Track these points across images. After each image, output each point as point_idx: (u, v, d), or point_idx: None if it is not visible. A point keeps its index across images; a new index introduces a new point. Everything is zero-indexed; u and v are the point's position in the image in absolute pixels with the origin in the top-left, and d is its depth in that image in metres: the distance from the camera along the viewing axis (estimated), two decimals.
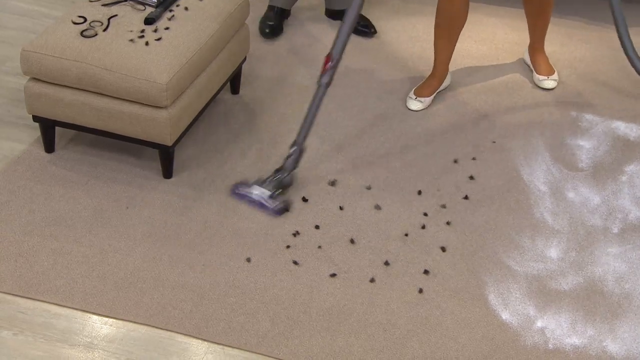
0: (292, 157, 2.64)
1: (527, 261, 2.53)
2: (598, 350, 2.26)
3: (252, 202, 2.59)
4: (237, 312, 2.30)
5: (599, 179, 2.87)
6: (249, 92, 3.21)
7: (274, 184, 2.63)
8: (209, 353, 2.18)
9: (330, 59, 2.61)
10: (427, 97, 3.17)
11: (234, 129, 3.02)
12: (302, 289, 2.39)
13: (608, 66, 3.44)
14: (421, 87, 3.20)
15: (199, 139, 2.95)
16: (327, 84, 2.65)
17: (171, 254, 2.47)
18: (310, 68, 3.34)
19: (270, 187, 2.62)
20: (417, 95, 3.17)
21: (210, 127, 3.01)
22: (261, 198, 2.59)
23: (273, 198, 2.59)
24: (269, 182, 2.63)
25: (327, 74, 2.63)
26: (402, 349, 2.23)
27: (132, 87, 2.52)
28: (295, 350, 2.20)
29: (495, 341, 2.27)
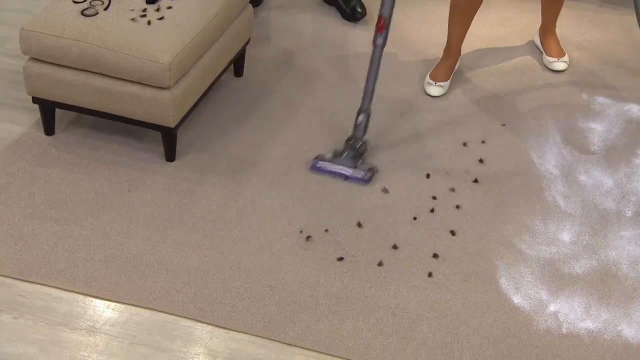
0: (361, 124, 2.69)
1: (539, 245, 2.50)
2: (613, 335, 2.22)
3: (337, 175, 2.64)
4: (242, 296, 2.27)
5: (611, 161, 2.83)
6: (253, 75, 3.17)
7: (352, 153, 2.68)
8: (214, 337, 2.15)
9: (384, 20, 2.62)
10: (446, 80, 3.13)
11: (238, 111, 2.98)
12: (309, 272, 2.36)
13: (620, 49, 3.40)
14: (437, 70, 3.15)
15: (202, 121, 2.92)
16: (383, 44, 2.66)
17: (175, 237, 2.44)
18: (314, 51, 3.31)
19: (350, 158, 2.68)
20: (436, 80, 3.13)
21: (213, 110, 2.97)
22: (346, 170, 2.65)
23: (357, 168, 2.65)
24: (347, 153, 2.68)
25: (382, 34, 2.64)
26: (412, 333, 2.20)
27: (134, 67, 2.49)
28: (302, 335, 2.17)
29: (507, 325, 2.24)
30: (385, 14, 2.64)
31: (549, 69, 3.27)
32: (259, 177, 2.69)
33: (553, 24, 3.28)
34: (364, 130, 2.71)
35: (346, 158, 2.68)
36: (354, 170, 2.65)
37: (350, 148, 2.69)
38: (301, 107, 3.03)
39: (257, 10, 3.49)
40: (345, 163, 2.67)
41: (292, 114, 2.98)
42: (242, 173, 2.70)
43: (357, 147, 2.69)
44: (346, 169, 2.66)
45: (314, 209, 2.58)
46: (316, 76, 3.19)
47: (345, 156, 2.68)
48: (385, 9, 2.64)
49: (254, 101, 3.04)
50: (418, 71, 3.22)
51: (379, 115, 2.99)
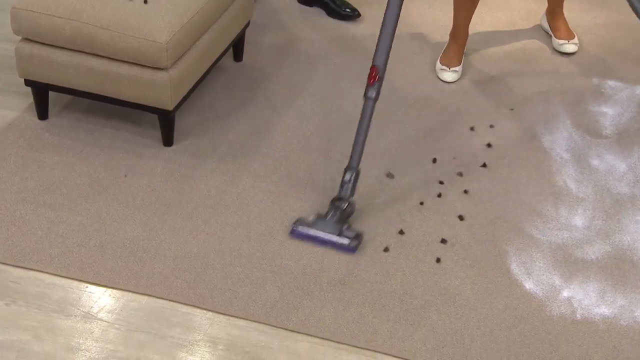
0: (349, 183, 2.38)
1: (550, 230, 2.45)
2: (629, 320, 2.17)
3: (318, 242, 2.33)
4: (243, 282, 2.22)
5: (624, 146, 2.79)
6: (253, 59, 3.13)
7: (337, 217, 2.36)
8: (214, 324, 2.10)
9: (377, 70, 2.36)
10: (459, 65, 3.08)
11: (238, 96, 2.93)
12: (313, 258, 2.31)
13: (631, 33, 3.36)
14: (447, 55, 3.11)
15: (201, 106, 2.87)
16: (376, 98, 2.40)
17: (173, 222, 2.40)
18: (315, 36, 3.27)
19: (334, 222, 2.35)
20: (449, 65, 3.08)
21: (213, 95, 2.93)
22: (331, 237, 2.33)
23: (343, 234, 2.34)
24: (331, 216, 2.37)
25: (374, 87, 2.38)
26: (420, 319, 2.15)
27: (130, 46, 2.44)
28: (306, 321, 2.12)
29: (519, 311, 2.19)
30: (379, 64, 2.37)
31: (558, 51, 3.23)
32: (259, 162, 2.64)
33: (560, 5, 3.23)
34: (351, 190, 2.38)
35: (330, 222, 2.35)
36: (338, 237, 2.33)
37: (335, 210, 2.37)
38: (302, 91, 2.98)
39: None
40: (328, 228, 2.34)
41: (293, 99, 2.94)
42: (242, 158, 2.65)
43: (343, 209, 2.36)
44: (329, 235, 2.33)
45: (316, 194, 2.53)
46: (318, 61, 3.15)
47: (329, 219, 2.36)
48: (379, 58, 2.37)
49: (254, 86, 3.00)
50: (423, 55, 3.18)
51: (385, 101, 2.95)
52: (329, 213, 2.38)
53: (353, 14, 3.40)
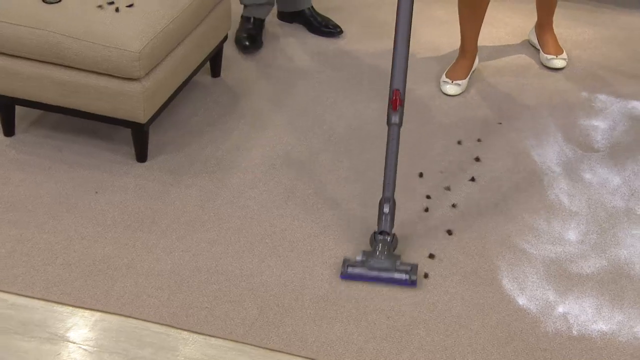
0: (388, 215, 2.33)
1: (543, 244, 2.42)
2: (629, 337, 2.13)
3: (377, 281, 2.27)
4: (220, 300, 2.16)
5: (617, 159, 2.77)
6: (231, 75, 3.11)
7: (386, 252, 2.30)
8: (189, 343, 2.04)
9: (399, 94, 2.30)
10: (464, 79, 3.08)
11: (215, 111, 2.90)
12: (294, 275, 2.26)
13: (619, 47, 3.38)
14: (454, 69, 3.11)
15: (176, 121, 2.83)
16: (400, 123, 2.33)
17: (146, 240, 2.34)
18: (295, 51, 3.27)
19: (385, 257, 2.29)
20: (452, 79, 3.08)
21: (189, 110, 2.89)
22: (388, 274, 2.26)
23: (397, 269, 2.28)
24: (380, 252, 2.30)
25: (397, 112, 2.31)
26: (408, 336, 2.09)
27: (101, 56, 2.41)
28: (287, 340, 2.06)
29: (513, 327, 2.14)
30: (399, 87, 2.30)
31: (546, 66, 3.24)
32: (238, 177, 2.60)
33: (550, 20, 3.25)
34: (391, 222, 2.34)
35: (381, 258, 2.30)
36: (395, 272, 2.27)
37: (382, 244, 2.31)
38: (282, 106, 2.96)
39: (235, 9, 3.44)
40: (381, 265, 2.28)
41: (273, 114, 2.91)
42: (219, 174, 2.61)
43: (389, 243, 2.32)
44: (385, 273, 2.27)
45: (298, 209, 2.49)
46: (298, 76, 3.13)
47: (379, 255, 2.30)
48: (397, 81, 2.30)
49: (232, 101, 2.97)
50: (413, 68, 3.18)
51: (371, 111, 2.94)
52: (376, 249, 2.31)
53: (335, 31, 3.40)
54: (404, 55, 2.32)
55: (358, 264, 2.29)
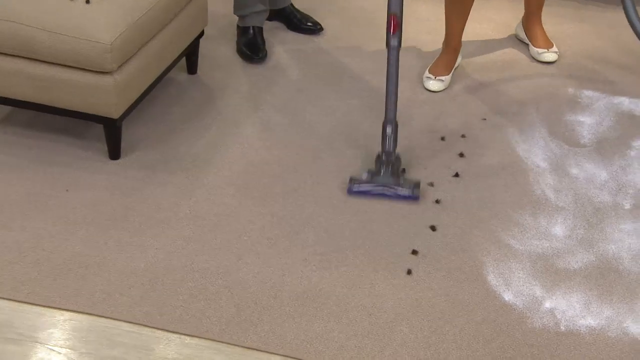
0: (391, 135, 2.50)
1: (529, 239, 2.39)
2: (618, 332, 2.10)
3: (380, 196, 2.45)
4: (196, 298, 2.11)
5: (604, 154, 2.75)
6: (207, 72, 3.07)
7: (390, 170, 2.49)
8: (163, 343, 1.99)
9: (396, 18, 2.45)
10: (446, 74, 3.07)
11: (191, 109, 2.86)
12: (272, 272, 2.21)
13: (605, 44, 3.37)
14: (437, 65, 3.09)
15: (151, 118, 2.79)
16: (399, 46, 2.49)
17: (118, 238, 2.29)
18: (274, 47, 3.24)
19: (390, 175, 2.49)
20: (436, 74, 3.06)
21: (164, 107, 2.85)
22: (390, 189, 2.45)
23: (401, 185, 2.46)
24: (384, 171, 2.49)
25: (396, 34, 2.47)
26: (391, 333, 2.05)
27: (72, 48, 2.36)
28: (265, 338, 2.02)
29: (498, 323, 2.11)
30: (396, 11, 2.45)
31: (537, 60, 3.23)
32: (215, 174, 2.56)
33: (539, 13, 3.23)
34: (394, 143, 2.51)
35: (385, 176, 2.49)
36: (399, 188, 2.47)
37: (385, 164, 2.50)
38: (261, 103, 2.92)
39: None
40: (386, 181, 2.48)
41: (252, 111, 2.87)
42: (195, 171, 2.57)
43: (393, 162, 2.50)
44: (390, 188, 2.47)
45: (277, 207, 2.45)
46: (278, 73, 3.10)
47: (383, 174, 2.49)
48: (394, 6, 2.46)
49: (209, 98, 2.93)
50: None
51: (352, 108, 2.91)
52: (380, 168, 2.50)
53: (315, 28, 3.37)
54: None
55: (364, 181, 2.46)
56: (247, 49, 3.16)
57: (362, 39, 3.36)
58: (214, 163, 2.61)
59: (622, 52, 3.32)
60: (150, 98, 2.85)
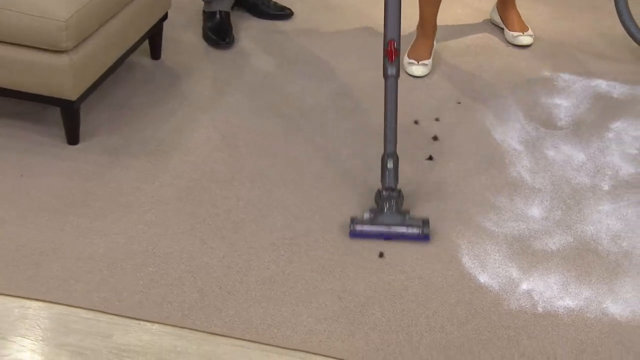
0: (392, 170, 2.33)
1: (505, 221, 2.35)
2: (597, 312, 2.06)
3: (386, 237, 2.25)
4: (157, 283, 2.04)
5: (581, 136, 2.73)
6: (172, 57, 3.01)
7: (394, 207, 2.29)
8: (121, 329, 1.91)
9: (394, 44, 2.30)
10: (428, 58, 3.03)
11: (156, 93, 2.80)
12: (238, 256, 2.15)
13: (580, 27, 3.36)
14: (416, 49, 3.05)
15: (113, 103, 2.72)
16: (397, 74, 2.33)
17: (76, 223, 2.22)
18: (241, 33, 3.19)
19: (394, 213, 2.28)
20: (418, 59, 3.02)
21: (127, 91, 2.78)
22: (399, 229, 2.26)
23: (408, 224, 2.27)
24: (388, 208, 2.29)
25: (394, 63, 2.31)
26: (361, 317, 2.00)
27: (25, 26, 2.28)
28: (230, 323, 1.95)
29: (474, 306, 2.06)
30: (394, 37, 2.30)
31: (513, 44, 3.20)
32: (179, 159, 2.49)
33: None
34: (396, 178, 2.32)
35: (390, 214, 2.28)
36: (406, 227, 2.26)
37: (389, 200, 2.30)
38: (228, 88, 2.86)
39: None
40: (392, 221, 2.27)
41: (218, 95, 2.81)
42: (159, 155, 2.50)
43: (395, 197, 2.31)
44: (396, 228, 2.26)
45: (244, 190, 2.39)
46: (245, 58, 3.05)
47: (387, 212, 2.29)
48: (391, 31, 2.31)
49: (174, 82, 2.87)
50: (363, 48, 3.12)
51: (323, 92, 2.86)
52: (384, 206, 2.30)
53: (285, 13, 3.32)
54: (396, 4, 2.31)
55: (366, 221, 2.27)
56: (213, 34, 3.10)
57: (333, 23, 3.31)
58: (179, 147, 2.54)
59: (598, 36, 3.31)
60: (112, 82, 2.78)
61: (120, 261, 2.10)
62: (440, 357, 1.91)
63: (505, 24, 3.25)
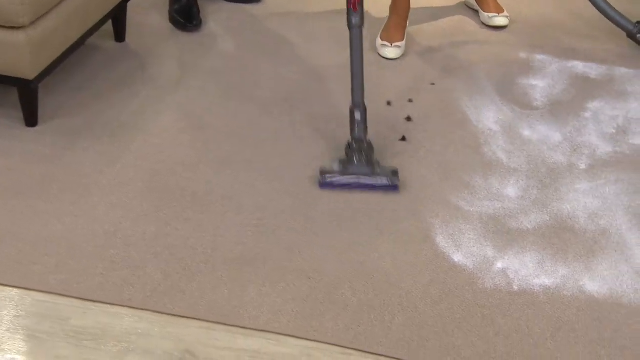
0: (360, 121, 2.35)
1: (480, 201, 2.32)
2: (574, 290, 2.03)
3: (355, 187, 2.28)
4: (118, 266, 1.99)
5: (558, 116, 2.70)
6: (137, 40, 2.95)
7: (364, 158, 2.32)
8: (79, 312, 1.85)
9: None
10: (401, 40, 2.99)
11: (120, 74, 2.74)
12: (204, 238, 2.10)
13: (556, 8, 3.35)
14: (389, 31, 3.01)
15: (75, 85, 2.66)
16: (361, 24, 2.34)
17: (33, 205, 2.15)
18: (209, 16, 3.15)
19: (364, 163, 2.32)
20: (389, 41, 2.98)
21: (89, 73, 2.73)
22: (368, 180, 2.29)
23: (378, 174, 2.30)
24: (357, 159, 2.32)
25: (357, 13, 2.33)
26: (331, 297, 1.95)
27: None
28: (194, 304, 1.90)
29: (447, 285, 2.02)
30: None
31: (488, 26, 3.18)
32: (144, 140, 2.44)
33: None
34: (364, 127, 2.36)
35: (360, 165, 2.32)
36: (375, 177, 2.30)
37: (358, 152, 2.33)
38: (196, 70, 2.81)
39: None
40: (361, 171, 2.31)
41: (185, 78, 2.76)
42: (122, 137, 2.45)
43: (365, 150, 2.34)
44: (365, 178, 2.30)
45: (211, 172, 2.34)
46: (213, 41, 3.00)
47: (357, 163, 2.32)
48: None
49: (139, 66, 2.81)
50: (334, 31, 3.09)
51: (292, 74, 2.82)
52: (353, 157, 2.33)
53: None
54: None
55: (336, 172, 2.29)
56: (180, 17, 3.05)
57: (304, 6, 3.27)
58: (143, 130, 2.49)
59: (574, 18, 3.29)
60: (74, 64, 2.73)
61: (80, 244, 2.05)
62: (413, 337, 1.87)
63: (480, 6, 3.22)
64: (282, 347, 1.82)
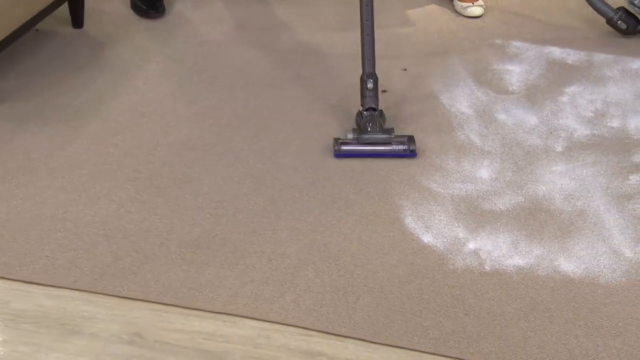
0: (371, 90, 2.39)
1: (451, 182, 2.26)
2: (549, 270, 1.97)
3: (373, 155, 2.30)
4: (66, 248, 1.92)
5: (534, 100, 2.66)
6: (96, 26, 2.90)
7: (377, 126, 2.34)
8: (20, 295, 1.78)
9: None
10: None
11: (76, 61, 2.68)
12: (159, 220, 2.03)
13: None
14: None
15: (26, 70, 2.60)
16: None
17: None
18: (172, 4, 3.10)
19: (379, 131, 2.33)
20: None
21: (43, 60, 2.67)
22: (385, 147, 2.31)
23: (394, 142, 2.32)
24: (371, 127, 2.33)
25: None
26: (293, 279, 1.89)
27: None
28: (146, 287, 1.83)
29: (416, 266, 1.96)
30: None
31: (463, 15, 3.15)
32: (98, 125, 2.38)
33: None
34: (376, 95, 2.39)
35: (374, 133, 2.34)
36: (392, 145, 2.32)
37: (372, 121, 2.35)
38: (157, 55, 2.76)
39: None
40: (378, 139, 2.33)
41: (145, 63, 2.71)
42: (75, 122, 2.38)
43: (379, 118, 2.37)
44: (383, 146, 2.32)
45: (169, 155, 2.28)
46: (176, 27, 2.95)
47: (371, 131, 2.34)
48: None
49: (96, 51, 2.75)
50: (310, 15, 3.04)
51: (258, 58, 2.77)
52: (367, 126, 2.35)
53: None
54: None
55: (351, 143, 2.32)
56: (142, 3, 3.00)
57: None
58: (99, 114, 2.43)
59: (553, 5, 3.26)
60: (28, 50, 2.67)
61: (25, 226, 1.97)
62: (379, 317, 1.81)
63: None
64: (238, 328, 1.76)
